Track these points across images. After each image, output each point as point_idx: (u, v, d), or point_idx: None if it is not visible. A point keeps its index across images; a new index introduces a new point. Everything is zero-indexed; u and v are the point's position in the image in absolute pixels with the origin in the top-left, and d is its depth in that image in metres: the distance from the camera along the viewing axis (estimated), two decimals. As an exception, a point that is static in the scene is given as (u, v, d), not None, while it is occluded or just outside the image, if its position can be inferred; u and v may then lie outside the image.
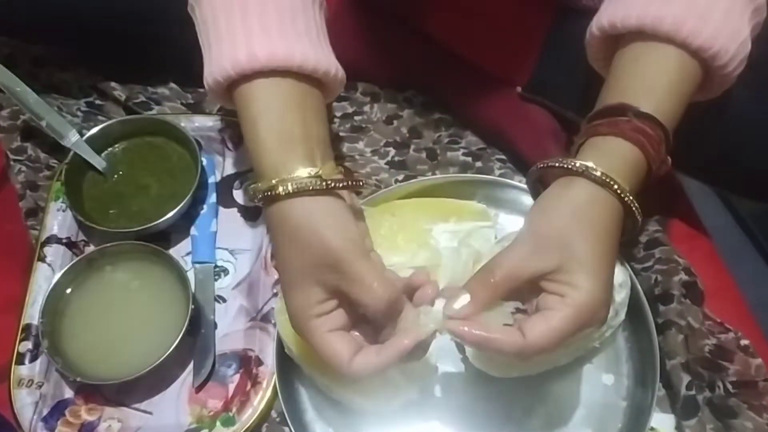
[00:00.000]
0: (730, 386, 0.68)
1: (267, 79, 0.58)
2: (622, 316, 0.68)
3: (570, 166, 0.56)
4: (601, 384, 0.70)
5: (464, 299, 0.55)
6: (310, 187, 0.55)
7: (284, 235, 0.56)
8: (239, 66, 0.58)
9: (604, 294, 0.55)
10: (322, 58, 0.60)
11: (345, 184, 0.57)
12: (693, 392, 0.66)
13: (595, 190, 0.55)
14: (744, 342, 0.69)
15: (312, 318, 0.55)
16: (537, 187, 0.63)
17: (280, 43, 0.58)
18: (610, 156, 0.56)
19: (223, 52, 0.59)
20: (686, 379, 0.66)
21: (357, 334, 0.59)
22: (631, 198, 0.56)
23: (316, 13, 0.63)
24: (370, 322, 0.58)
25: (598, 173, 0.55)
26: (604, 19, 0.61)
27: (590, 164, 0.55)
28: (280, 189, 0.55)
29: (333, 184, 0.56)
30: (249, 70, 0.58)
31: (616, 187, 0.55)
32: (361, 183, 0.59)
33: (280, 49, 0.58)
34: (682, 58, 0.57)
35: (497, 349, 0.53)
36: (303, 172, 0.56)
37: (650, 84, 0.58)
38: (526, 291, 0.57)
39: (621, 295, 0.67)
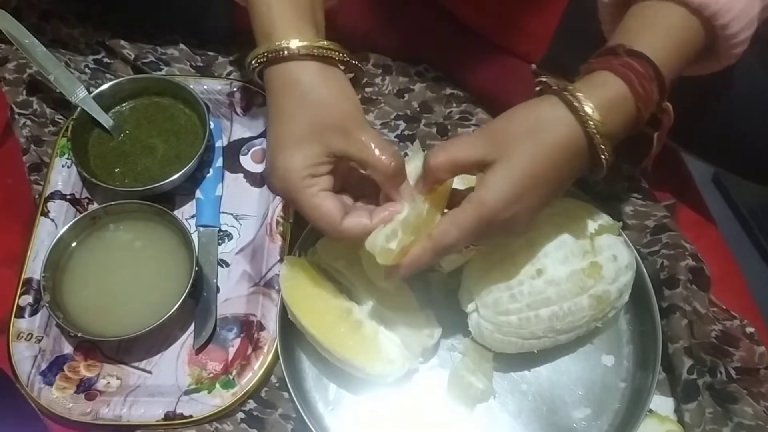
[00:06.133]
0: (733, 372, 0.68)
1: None
2: (626, 298, 0.68)
3: (551, 83, 0.56)
4: (600, 365, 0.70)
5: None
6: (323, 54, 0.58)
7: (292, 94, 0.58)
8: None
9: (514, 204, 0.54)
10: None
11: (349, 60, 0.60)
12: (694, 376, 0.66)
13: (561, 112, 0.54)
14: (750, 329, 0.69)
15: (307, 178, 0.57)
16: None
17: None
18: (592, 85, 0.55)
19: None
20: (688, 363, 0.66)
21: (347, 197, 0.61)
22: (594, 129, 0.54)
23: None
24: (354, 194, 0.62)
25: (569, 95, 0.54)
26: None
27: (569, 86, 0.55)
28: (294, 47, 0.57)
29: (341, 56, 0.59)
30: None
31: (582, 113, 0.53)
32: (356, 63, 0.62)
33: None
34: (683, 13, 0.57)
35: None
36: (313, 41, 0.58)
37: (645, 27, 0.57)
38: None
39: (626, 277, 0.66)
